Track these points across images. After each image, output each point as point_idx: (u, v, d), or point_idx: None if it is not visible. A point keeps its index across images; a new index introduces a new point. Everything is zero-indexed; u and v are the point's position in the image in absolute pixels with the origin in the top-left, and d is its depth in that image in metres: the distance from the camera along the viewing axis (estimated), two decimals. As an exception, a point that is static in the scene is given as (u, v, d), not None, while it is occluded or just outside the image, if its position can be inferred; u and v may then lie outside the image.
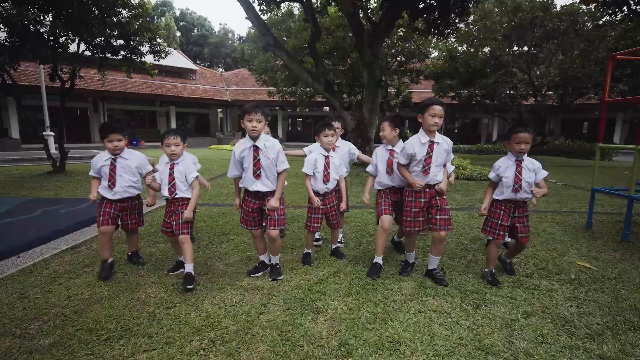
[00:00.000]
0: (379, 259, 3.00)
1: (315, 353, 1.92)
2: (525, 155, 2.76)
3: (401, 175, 2.88)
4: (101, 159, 2.93)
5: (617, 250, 3.68)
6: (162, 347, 1.95)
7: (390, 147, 3.06)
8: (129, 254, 3.19)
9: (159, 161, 2.94)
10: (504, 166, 2.78)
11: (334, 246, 3.44)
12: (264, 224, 2.89)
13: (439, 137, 2.75)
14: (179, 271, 2.95)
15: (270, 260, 2.93)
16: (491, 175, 2.89)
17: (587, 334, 2.14)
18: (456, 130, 28.15)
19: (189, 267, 2.71)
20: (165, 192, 2.82)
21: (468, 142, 23.70)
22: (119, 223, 3.03)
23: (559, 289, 2.75)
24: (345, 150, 3.54)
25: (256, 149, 2.68)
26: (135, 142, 22.66)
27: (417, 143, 2.73)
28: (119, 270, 2.96)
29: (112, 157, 2.91)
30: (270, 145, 2.73)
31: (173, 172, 2.81)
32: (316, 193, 3.17)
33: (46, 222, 4.13)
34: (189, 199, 2.83)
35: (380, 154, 3.11)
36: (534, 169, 2.76)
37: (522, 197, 2.74)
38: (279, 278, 2.83)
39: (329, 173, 3.15)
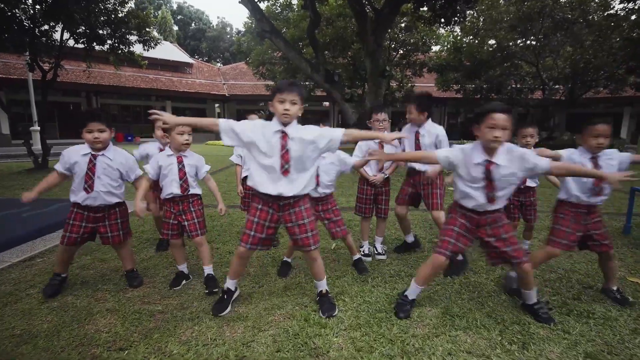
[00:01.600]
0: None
1: None
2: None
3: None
4: (77, 152, 2.34)
5: (668, 261, 3.13)
6: (99, 417, 1.40)
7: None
8: (125, 272, 2.60)
9: (154, 157, 2.53)
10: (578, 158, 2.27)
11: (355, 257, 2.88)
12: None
13: (501, 157, 2.01)
14: (182, 285, 2.52)
15: (318, 288, 2.27)
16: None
17: (680, 390, 1.59)
18: (459, 125, 27.56)
19: (209, 269, 2.53)
20: (176, 189, 2.42)
21: (471, 137, 23.13)
22: (92, 236, 2.49)
23: (619, 317, 2.19)
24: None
25: (284, 135, 2.02)
26: (130, 138, 22.07)
27: (468, 158, 2.07)
28: (70, 293, 2.39)
29: (93, 153, 2.33)
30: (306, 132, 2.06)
31: (183, 165, 2.46)
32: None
33: (2, 228, 3.57)
34: (198, 195, 2.56)
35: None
36: (613, 164, 2.25)
37: (596, 202, 2.26)
38: (334, 314, 2.15)
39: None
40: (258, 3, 9.75)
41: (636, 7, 11.69)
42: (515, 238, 2.11)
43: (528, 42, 16.45)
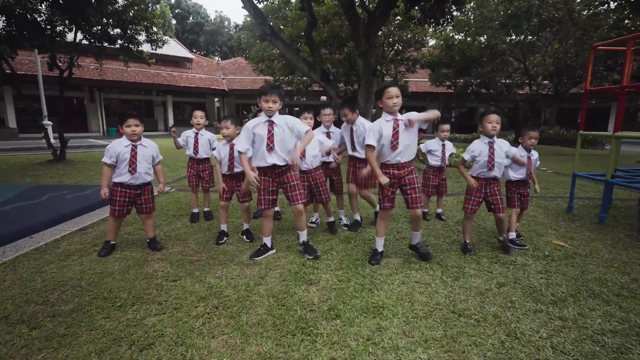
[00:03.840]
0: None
1: (307, 316, 2.16)
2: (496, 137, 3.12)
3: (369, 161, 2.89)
4: (120, 144, 3.03)
5: (592, 231, 3.93)
6: (171, 311, 2.19)
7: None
8: (148, 240, 3.25)
9: (219, 146, 3.47)
10: (479, 148, 3.11)
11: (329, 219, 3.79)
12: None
13: (401, 117, 2.83)
14: (224, 240, 3.40)
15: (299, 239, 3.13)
16: (466, 156, 3.18)
17: (552, 300, 2.39)
18: (453, 120, 28.32)
19: (247, 226, 3.53)
20: (226, 168, 3.41)
21: (465, 132, 23.92)
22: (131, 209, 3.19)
23: (532, 264, 3.00)
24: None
25: (271, 123, 2.85)
26: (132, 132, 22.67)
27: (382, 122, 2.84)
28: (126, 249, 3.18)
29: (133, 144, 3.05)
30: (285, 120, 2.91)
31: (233, 151, 3.34)
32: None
33: (54, 206, 4.33)
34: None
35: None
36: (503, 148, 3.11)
37: (494, 175, 3.11)
38: (318, 254, 3.02)
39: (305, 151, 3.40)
40: (257, 3, 10.40)
41: (613, 8, 12.38)
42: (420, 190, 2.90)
43: (517, 39, 17.17)
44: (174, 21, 41.62)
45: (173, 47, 26.38)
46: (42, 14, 8.18)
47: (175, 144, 4.06)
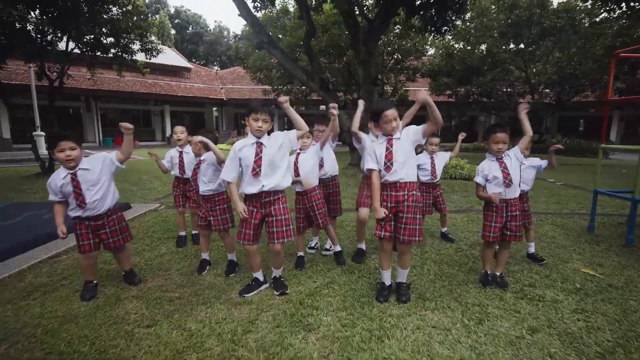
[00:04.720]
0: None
1: (305, 379, 1.76)
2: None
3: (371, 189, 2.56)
4: (59, 177, 2.47)
5: (621, 255, 3.55)
6: (138, 373, 1.79)
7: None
8: (124, 273, 2.83)
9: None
10: (488, 167, 2.75)
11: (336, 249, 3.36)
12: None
13: (397, 134, 2.50)
14: (206, 271, 3.04)
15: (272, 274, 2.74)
16: (478, 180, 2.81)
17: (598, 352, 2.00)
18: (453, 129, 28.07)
19: (232, 256, 3.07)
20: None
21: (465, 140, 23.64)
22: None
23: (564, 300, 2.61)
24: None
25: (259, 144, 2.50)
26: (129, 142, 22.32)
27: (375, 143, 2.57)
28: (99, 283, 2.76)
29: (71, 172, 2.47)
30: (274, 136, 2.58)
31: (199, 166, 2.97)
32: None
33: (27, 228, 3.94)
34: (223, 193, 2.99)
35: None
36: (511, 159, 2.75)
37: (513, 194, 2.74)
38: (287, 292, 2.65)
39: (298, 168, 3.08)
40: (256, 12, 10.17)
41: (616, 16, 12.19)
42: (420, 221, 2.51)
43: (519, 46, 17.00)
44: (173, 31, 41.69)
45: (171, 57, 26.23)
46: (31, 23, 7.90)
47: (160, 167, 3.62)
